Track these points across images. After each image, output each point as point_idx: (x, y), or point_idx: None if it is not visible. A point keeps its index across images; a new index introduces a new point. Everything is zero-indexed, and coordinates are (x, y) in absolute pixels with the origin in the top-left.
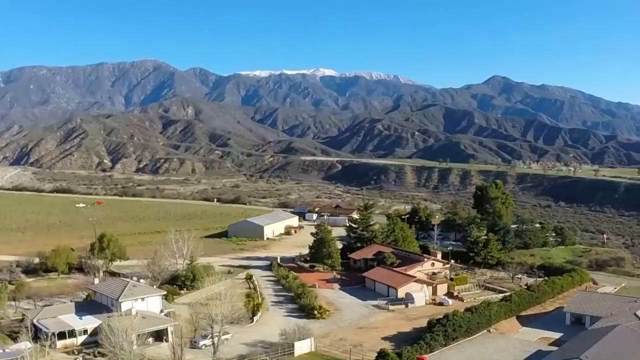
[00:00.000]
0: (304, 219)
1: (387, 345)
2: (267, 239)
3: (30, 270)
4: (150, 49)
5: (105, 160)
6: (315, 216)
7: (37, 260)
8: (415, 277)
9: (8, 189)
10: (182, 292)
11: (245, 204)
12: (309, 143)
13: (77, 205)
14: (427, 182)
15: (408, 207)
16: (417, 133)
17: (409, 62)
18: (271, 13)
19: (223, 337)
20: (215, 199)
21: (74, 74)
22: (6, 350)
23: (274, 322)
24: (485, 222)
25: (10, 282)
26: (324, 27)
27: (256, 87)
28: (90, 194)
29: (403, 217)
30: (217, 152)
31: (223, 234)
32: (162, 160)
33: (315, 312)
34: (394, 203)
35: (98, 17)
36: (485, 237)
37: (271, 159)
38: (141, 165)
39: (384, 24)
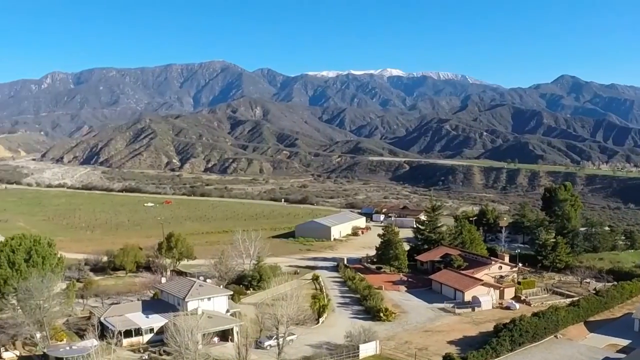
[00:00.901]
0: (371, 220)
1: (453, 350)
2: (334, 239)
3: (98, 269)
4: (218, 50)
5: (174, 160)
6: (382, 217)
7: (105, 258)
8: (482, 280)
9: (78, 188)
10: (248, 292)
11: (313, 204)
12: (376, 143)
13: (145, 204)
14: (495, 183)
15: (476, 209)
16: (485, 133)
17: (476, 61)
18: (338, 13)
19: (288, 338)
20: (283, 199)
21: (143, 75)
22: (73, 347)
23: (340, 323)
24: (553, 224)
25: (78, 280)
26: (391, 27)
27: (324, 87)
28: (159, 193)
29: (471, 218)
30: (284, 152)
31: (290, 235)
32: (231, 160)
33: (381, 314)
34: (461, 204)
35: (167, 19)
36: (554, 240)
37: (339, 159)
38: (209, 165)
39: (451, 24)
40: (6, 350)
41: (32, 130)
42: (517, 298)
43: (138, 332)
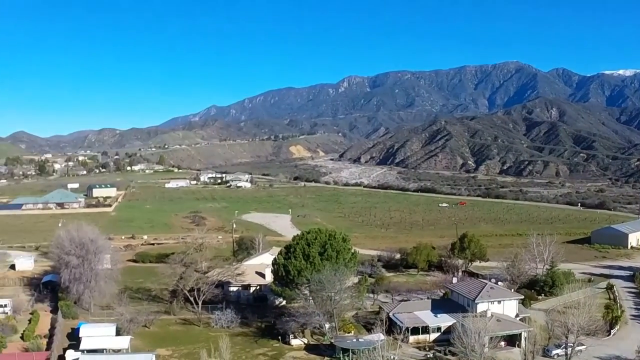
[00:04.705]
0: None
1: None
2: (632, 247)
3: (390, 265)
4: (512, 50)
5: (469, 162)
6: None
7: (398, 255)
8: None
9: (374, 187)
10: (539, 297)
11: (610, 209)
12: None
13: (440, 204)
14: None
15: None
16: None
17: None
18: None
19: (577, 348)
20: (579, 204)
21: (437, 77)
22: (360, 339)
23: (632, 337)
24: None
25: (370, 275)
26: None
27: (621, 86)
28: (454, 194)
29: None
30: (581, 154)
31: (585, 240)
32: (526, 163)
33: None
34: None
35: (458, 21)
36: None
37: (638, 162)
38: (505, 167)
39: None
40: (295, 337)
41: (330, 132)
42: None
43: (425, 330)
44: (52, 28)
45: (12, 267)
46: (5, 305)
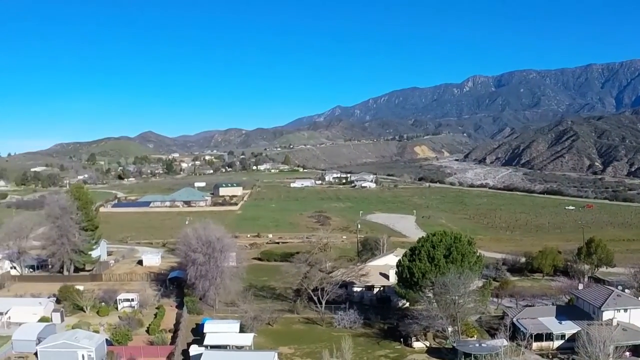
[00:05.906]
0: None
1: None
2: None
3: (515, 269)
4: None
5: (597, 163)
6: None
7: (523, 259)
8: None
9: (499, 189)
10: None
11: None
12: None
13: (566, 207)
14: None
15: None
16: None
17: None
18: None
19: None
20: None
21: (563, 76)
22: (482, 344)
23: None
24: None
25: (494, 279)
26: None
27: None
28: (580, 196)
29: None
30: None
31: None
32: None
33: None
34: None
35: (585, 19)
36: None
37: None
38: (633, 169)
39: None
40: (417, 340)
41: (454, 132)
42: None
43: (549, 337)
44: (182, 30)
45: (140, 262)
46: (133, 300)
